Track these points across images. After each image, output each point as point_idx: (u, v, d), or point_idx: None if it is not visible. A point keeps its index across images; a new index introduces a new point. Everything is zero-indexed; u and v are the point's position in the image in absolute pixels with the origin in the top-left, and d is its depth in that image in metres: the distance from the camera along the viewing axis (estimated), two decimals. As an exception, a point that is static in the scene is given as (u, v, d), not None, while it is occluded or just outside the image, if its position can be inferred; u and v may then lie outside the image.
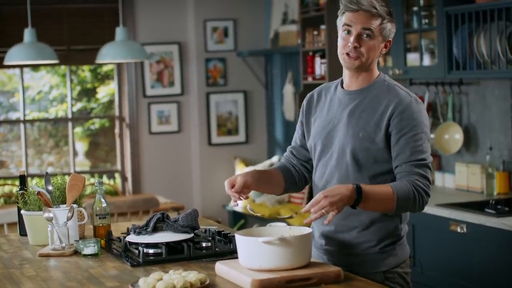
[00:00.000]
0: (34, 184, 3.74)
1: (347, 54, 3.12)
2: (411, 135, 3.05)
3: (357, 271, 3.06)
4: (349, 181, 3.08)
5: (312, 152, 3.31)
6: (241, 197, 3.20)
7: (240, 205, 8.02)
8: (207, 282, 2.78)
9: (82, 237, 3.64)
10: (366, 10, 3.09)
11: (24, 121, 8.20)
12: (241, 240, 2.90)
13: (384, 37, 3.14)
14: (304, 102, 3.40)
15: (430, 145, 3.13)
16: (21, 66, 7.99)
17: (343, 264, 3.07)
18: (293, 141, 3.45)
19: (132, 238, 3.36)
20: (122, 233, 3.64)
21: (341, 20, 3.16)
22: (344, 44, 3.14)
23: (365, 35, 3.10)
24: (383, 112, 3.09)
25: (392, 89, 3.15)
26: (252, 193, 7.85)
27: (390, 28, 3.15)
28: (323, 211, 2.89)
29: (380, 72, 3.25)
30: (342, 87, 3.25)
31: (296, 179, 3.40)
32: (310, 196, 3.40)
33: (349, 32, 3.12)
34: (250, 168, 8.00)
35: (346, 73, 3.22)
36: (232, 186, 3.19)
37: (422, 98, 5.82)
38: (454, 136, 5.75)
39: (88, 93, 9.20)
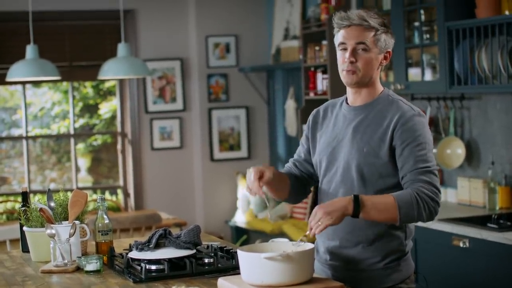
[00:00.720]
0: (36, 201, 3.73)
1: (346, 70, 3.14)
2: (414, 145, 3.05)
3: (362, 287, 3.06)
4: None
5: (317, 168, 3.31)
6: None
7: (242, 220, 8.01)
8: (210, 298, 2.78)
9: (85, 254, 3.63)
10: (358, 24, 3.11)
11: (27, 138, 8.21)
12: (244, 256, 2.90)
13: (380, 48, 3.15)
14: (310, 118, 3.40)
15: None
16: (23, 83, 8.01)
17: (347, 280, 3.07)
18: (296, 155, 3.45)
19: (134, 254, 3.36)
20: (124, 250, 3.63)
21: (337, 38, 3.18)
22: (342, 61, 3.17)
23: (360, 49, 3.12)
24: (387, 126, 3.09)
25: (395, 104, 3.16)
26: (254, 208, 7.85)
27: (386, 39, 3.15)
28: (320, 223, 2.89)
29: (385, 87, 3.26)
30: (347, 103, 3.26)
31: (298, 187, 3.39)
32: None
33: (345, 49, 3.14)
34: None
35: (349, 90, 3.24)
36: (260, 177, 3.14)
37: (424, 113, 5.81)
38: (456, 151, 5.75)
39: (90, 109, 9.22)
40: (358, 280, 3.13)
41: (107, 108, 9.16)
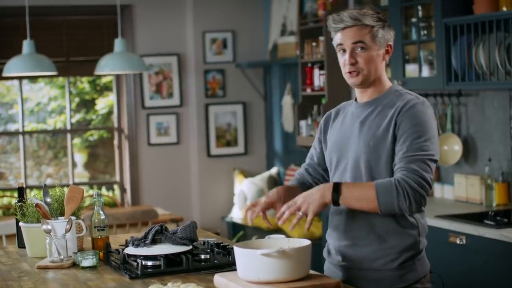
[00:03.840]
0: (32, 196, 3.73)
1: (348, 72, 3.12)
2: (411, 132, 3.00)
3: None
4: None
5: (329, 167, 3.29)
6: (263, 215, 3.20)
7: (238, 216, 8.01)
8: (206, 294, 2.78)
9: (81, 249, 3.63)
10: (352, 25, 3.08)
11: (23, 133, 8.20)
12: (240, 252, 2.89)
13: (379, 44, 3.12)
14: (322, 121, 3.38)
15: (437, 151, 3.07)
16: (20, 78, 8.00)
17: (361, 281, 3.06)
18: (309, 158, 3.43)
19: (130, 250, 3.35)
20: (120, 245, 3.63)
21: (335, 41, 3.16)
22: (343, 63, 3.15)
23: (358, 49, 3.09)
24: (392, 115, 3.06)
25: (401, 96, 3.13)
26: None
27: (384, 33, 3.12)
28: (301, 213, 2.97)
29: (393, 83, 3.23)
30: (356, 101, 3.25)
31: None
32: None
33: (344, 50, 3.13)
34: (249, 180, 8.00)
35: (356, 88, 3.22)
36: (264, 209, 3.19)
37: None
38: (453, 148, 5.75)
39: (87, 104, 9.21)
40: (372, 280, 3.09)
41: (103, 103, 9.14)
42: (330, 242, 3.26)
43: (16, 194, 4.08)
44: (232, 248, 3.18)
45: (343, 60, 3.14)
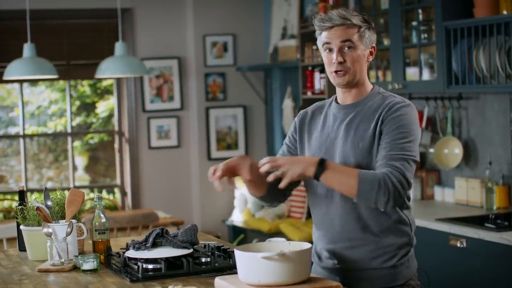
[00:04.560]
0: (33, 199, 3.73)
1: (335, 72, 3.11)
2: (395, 133, 3.00)
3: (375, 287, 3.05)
4: None
5: None
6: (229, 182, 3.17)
7: (239, 220, 8.01)
8: (207, 297, 2.78)
9: (81, 253, 3.63)
10: (340, 24, 3.08)
11: (24, 136, 8.20)
12: (241, 256, 2.89)
13: (365, 44, 3.12)
14: (297, 119, 3.34)
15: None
16: (20, 81, 8.00)
17: (359, 281, 3.07)
18: (280, 155, 3.37)
19: (131, 253, 3.35)
20: (121, 249, 3.63)
21: (320, 39, 3.15)
22: (328, 62, 3.13)
23: (346, 48, 3.09)
24: (378, 118, 3.06)
25: (387, 98, 3.12)
26: (251, 207, 7.85)
27: (370, 34, 3.13)
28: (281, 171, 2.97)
29: (374, 85, 3.23)
30: (336, 102, 3.23)
31: (277, 189, 3.18)
32: (309, 210, 3.37)
33: (330, 50, 3.12)
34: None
35: (339, 89, 3.20)
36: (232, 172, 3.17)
37: (421, 113, 5.82)
38: (453, 151, 5.75)
39: (88, 107, 9.21)
40: (371, 280, 3.09)
41: (104, 106, 9.15)
42: (321, 246, 3.23)
43: (16, 197, 4.07)
44: (233, 251, 3.17)
45: (329, 59, 3.12)
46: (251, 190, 3.31)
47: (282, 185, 2.99)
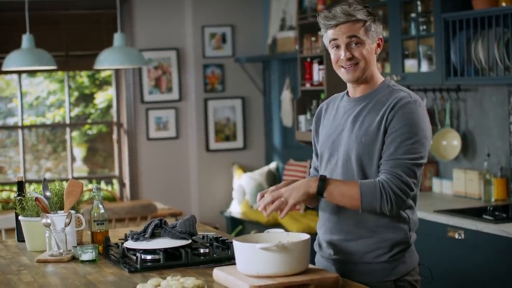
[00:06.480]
0: (32, 190, 3.74)
1: (344, 68, 3.13)
2: (401, 133, 3.01)
3: (367, 281, 3.04)
4: None
5: (319, 161, 3.30)
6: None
7: (237, 211, 8.02)
8: (205, 288, 2.79)
9: (80, 243, 3.63)
10: (345, 21, 3.08)
11: (22, 127, 8.20)
12: (239, 246, 2.90)
13: (372, 38, 3.12)
14: (316, 114, 3.39)
15: (428, 151, 3.09)
16: (19, 72, 7.99)
17: (353, 274, 3.07)
18: (314, 155, 3.41)
19: (130, 244, 3.36)
20: (120, 239, 3.63)
21: (327, 36, 3.17)
22: (336, 59, 3.15)
23: (353, 44, 3.10)
24: (383, 112, 3.06)
25: (394, 92, 3.13)
26: (249, 198, 7.85)
27: (375, 27, 3.13)
28: (283, 199, 2.99)
29: (386, 77, 3.23)
30: (347, 95, 3.25)
31: None
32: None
33: (337, 46, 3.13)
34: (248, 174, 8.00)
35: (349, 84, 3.21)
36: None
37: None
38: (452, 143, 5.76)
39: (86, 98, 9.20)
40: (364, 273, 3.10)
41: (102, 97, 9.14)
42: (321, 236, 3.27)
43: (15, 188, 4.08)
44: (231, 242, 3.18)
45: (337, 55, 3.14)
46: (307, 204, 3.31)
47: (282, 215, 3.03)
